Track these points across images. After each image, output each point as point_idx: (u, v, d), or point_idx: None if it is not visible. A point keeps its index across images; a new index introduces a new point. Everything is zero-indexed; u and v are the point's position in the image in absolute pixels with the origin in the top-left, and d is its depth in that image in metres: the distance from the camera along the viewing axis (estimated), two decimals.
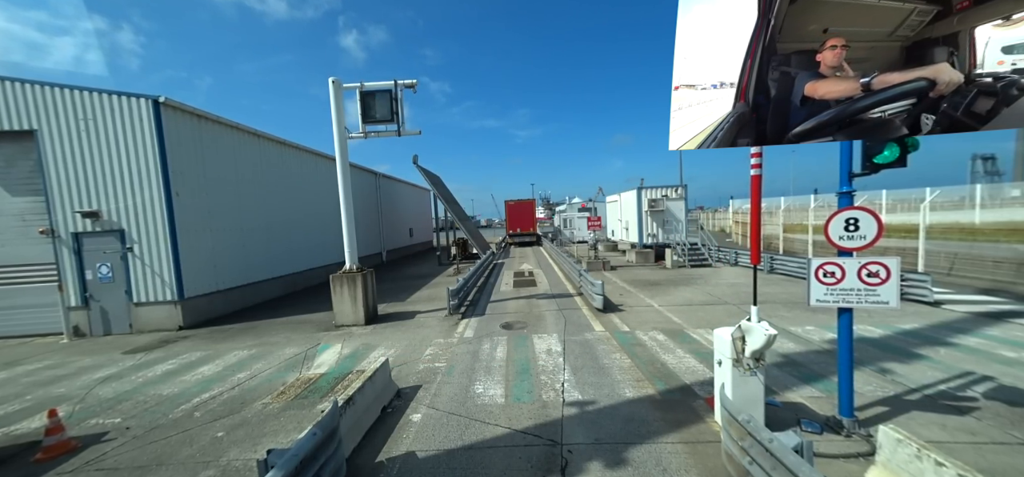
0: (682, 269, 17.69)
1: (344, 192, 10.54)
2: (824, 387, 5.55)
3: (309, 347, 8.57)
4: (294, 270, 15.98)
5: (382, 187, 27.42)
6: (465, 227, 24.68)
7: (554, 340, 8.24)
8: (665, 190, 20.94)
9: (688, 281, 14.51)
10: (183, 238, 10.57)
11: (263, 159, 14.57)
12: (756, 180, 4.28)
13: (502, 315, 10.65)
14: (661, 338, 8.07)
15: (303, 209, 16.95)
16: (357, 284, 10.22)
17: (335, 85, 10.13)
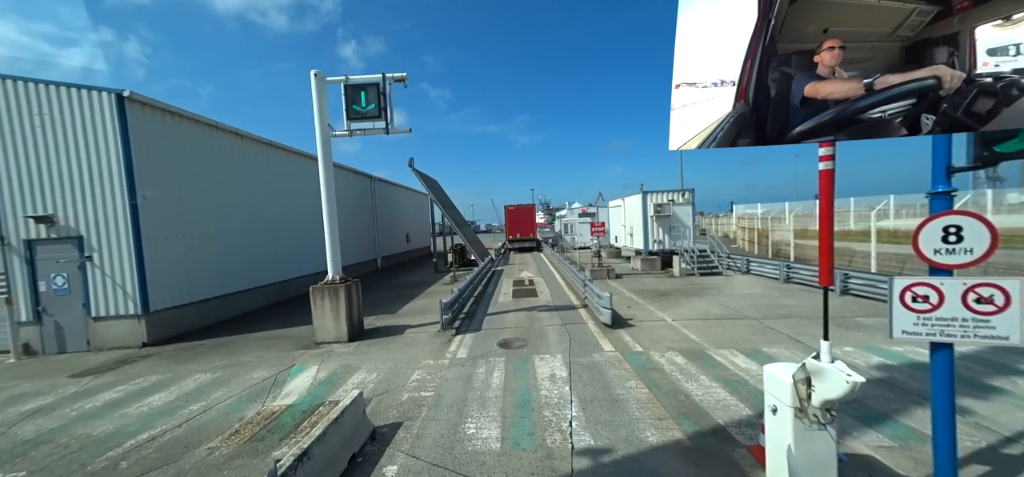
0: (691, 278, 16.71)
1: (327, 195, 9.59)
2: (893, 433, 4.55)
3: (281, 369, 7.59)
4: (279, 279, 15.01)
5: (377, 191, 26.51)
6: (462, 233, 23.73)
7: (558, 362, 7.26)
8: (671, 194, 20.00)
9: (700, 291, 13.52)
10: (150, 246, 9.61)
11: (245, 160, 13.65)
12: (827, 177, 3.31)
13: (500, 330, 9.67)
14: (680, 361, 7.08)
15: (290, 214, 16.00)
16: (340, 297, 9.25)
17: (317, 78, 9.22)
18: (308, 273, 16.49)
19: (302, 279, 16.49)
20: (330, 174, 9.61)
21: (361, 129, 9.68)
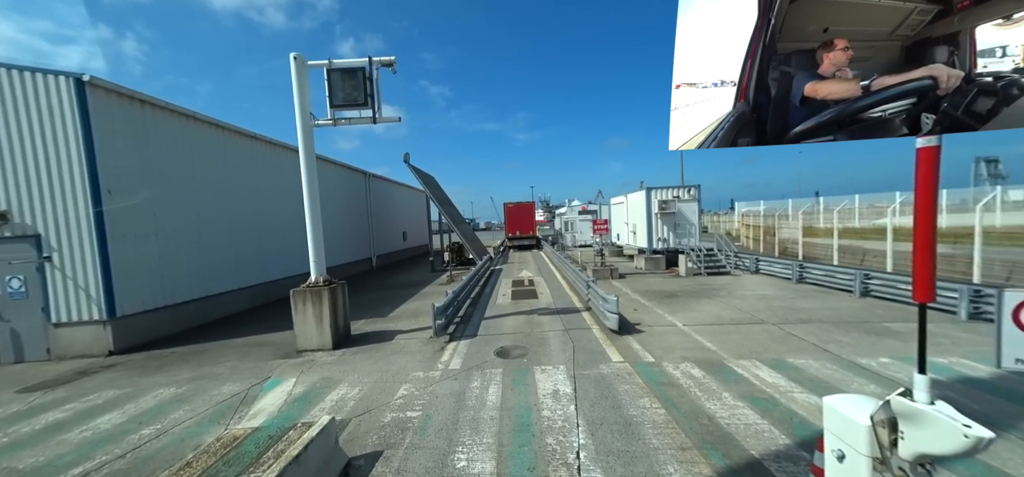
0: (698, 278, 15.98)
1: (309, 190, 8.83)
2: (970, 474, 3.82)
3: (254, 383, 6.84)
4: (267, 279, 14.23)
5: (373, 188, 25.71)
6: (460, 231, 22.96)
7: (561, 375, 6.52)
8: (676, 191, 19.25)
9: (709, 293, 12.79)
10: (116, 245, 8.83)
11: (228, 154, 12.85)
12: (929, 157, 2.49)
13: (497, 336, 8.93)
14: (697, 374, 6.34)
15: (278, 210, 15.19)
16: (323, 301, 8.49)
17: (297, 63, 8.43)
18: (298, 273, 15.64)
19: (291, 279, 15.66)
20: (313, 167, 8.84)
21: (346, 118, 8.91)
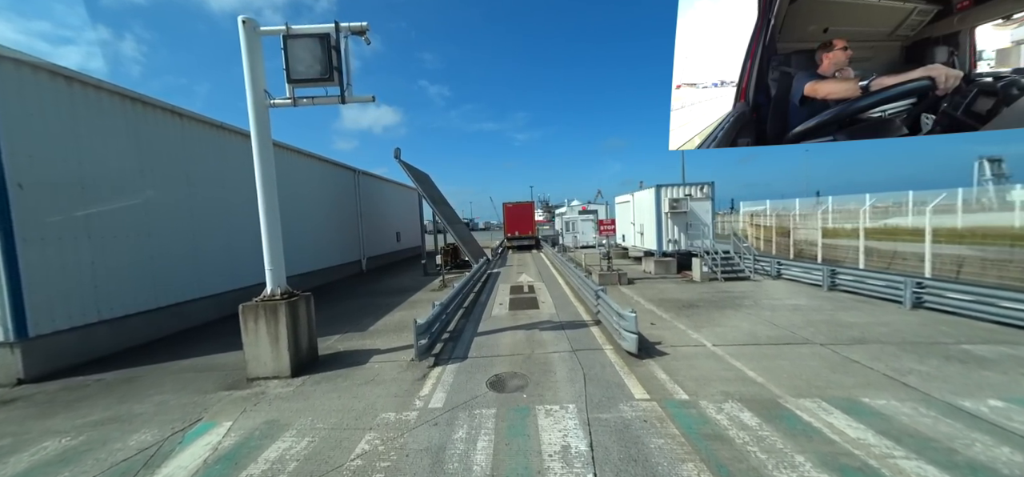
0: (715, 283, 14.50)
1: (263, 183, 7.31)
2: None
3: (178, 428, 5.33)
4: (236, 286, 12.69)
5: (363, 186, 24.18)
6: (455, 231, 21.44)
7: (572, 420, 5.03)
8: (688, 188, 17.75)
9: (733, 302, 11.30)
10: (31, 250, 7.32)
11: (188, 145, 11.33)
12: None
13: (491, 359, 7.43)
14: (750, 420, 4.85)
15: (251, 209, 13.64)
16: (280, 318, 6.98)
17: (247, 28, 6.92)
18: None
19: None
20: (268, 156, 7.32)
21: (309, 97, 7.40)
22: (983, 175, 47.35)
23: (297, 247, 16.93)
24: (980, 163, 49.11)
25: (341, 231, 21.37)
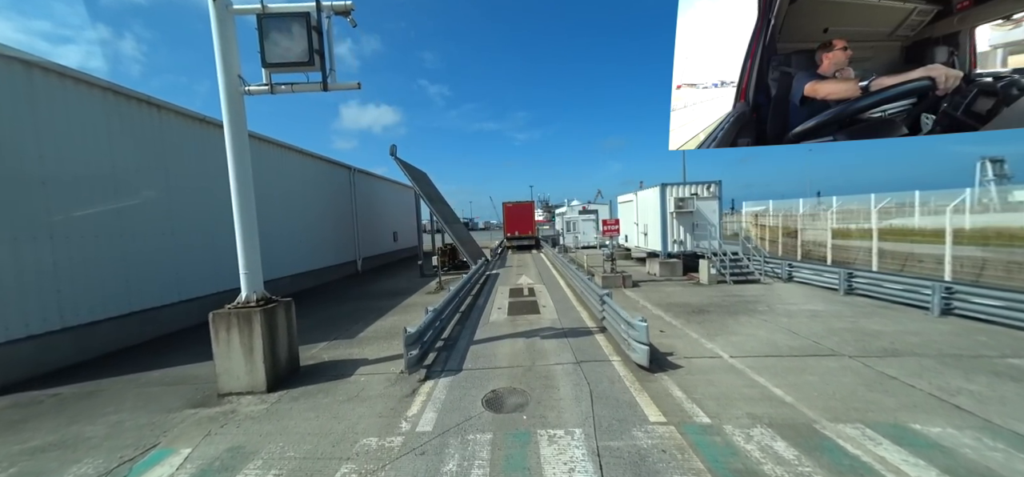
0: (723, 286, 13.85)
1: (237, 176, 6.63)
2: None
3: (127, 457, 4.66)
4: (221, 288, 12.01)
5: (358, 184, 23.51)
6: (452, 231, 20.76)
7: (578, 446, 4.38)
8: (694, 187, 17.10)
9: (746, 308, 10.64)
10: None
11: (167, 140, 10.65)
12: None
13: (488, 372, 6.76)
14: (785, 452, 4.18)
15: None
16: (254, 327, 6.31)
17: (218, 6, 6.24)
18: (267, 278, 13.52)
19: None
20: (243, 148, 6.64)
21: (287, 84, 6.72)
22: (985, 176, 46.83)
23: (289, 247, 16.26)
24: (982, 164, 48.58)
25: (336, 231, 20.69)
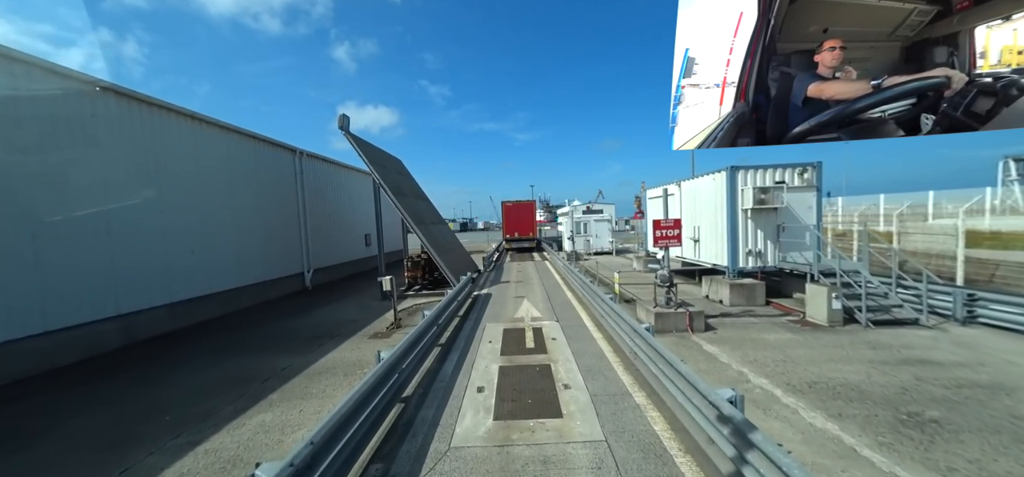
0: (855, 328, 8.37)
1: None
2: None
3: None
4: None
5: (307, 172, 18.02)
6: (426, 236, 15.13)
7: None
8: (780, 170, 11.58)
9: (972, 399, 5.13)
10: None
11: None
12: None
13: None
14: None
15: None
16: None
17: None
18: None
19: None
20: None
21: None
22: (1008, 175, 43.14)
23: (181, 254, 10.86)
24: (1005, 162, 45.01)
25: (272, 233, 15.22)
